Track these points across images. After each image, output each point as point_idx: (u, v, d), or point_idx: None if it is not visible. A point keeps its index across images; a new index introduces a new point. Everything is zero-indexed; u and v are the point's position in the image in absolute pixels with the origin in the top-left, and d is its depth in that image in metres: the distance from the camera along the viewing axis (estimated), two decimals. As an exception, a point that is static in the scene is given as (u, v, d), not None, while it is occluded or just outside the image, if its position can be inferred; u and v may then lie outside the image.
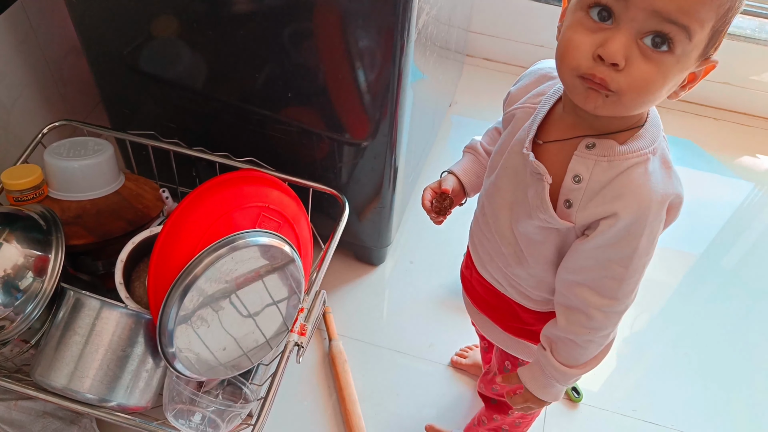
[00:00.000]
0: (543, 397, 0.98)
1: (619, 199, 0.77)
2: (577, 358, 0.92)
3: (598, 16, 0.68)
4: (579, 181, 0.79)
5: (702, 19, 0.65)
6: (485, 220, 0.97)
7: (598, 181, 0.78)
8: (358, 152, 1.46)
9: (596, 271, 0.83)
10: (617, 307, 0.85)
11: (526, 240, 0.90)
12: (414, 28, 1.19)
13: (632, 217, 0.78)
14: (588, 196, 0.79)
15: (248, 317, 1.21)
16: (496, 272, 1.01)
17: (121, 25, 1.36)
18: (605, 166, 0.78)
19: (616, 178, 0.78)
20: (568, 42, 0.71)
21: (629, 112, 0.75)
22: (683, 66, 0.69)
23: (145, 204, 1.43)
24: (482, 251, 1.01)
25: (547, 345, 0.95)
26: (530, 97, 0.89)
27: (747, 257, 2.00)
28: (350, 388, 1.55)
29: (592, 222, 0.81)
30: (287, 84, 1.34)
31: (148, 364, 1.20)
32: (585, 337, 0.89)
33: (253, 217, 1.24)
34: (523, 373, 1.00)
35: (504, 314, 1.06)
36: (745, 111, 2.42)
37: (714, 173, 2.23)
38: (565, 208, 0.82)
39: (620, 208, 0.77)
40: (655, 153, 0.78)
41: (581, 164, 0.79)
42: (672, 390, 1.65)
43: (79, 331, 1.15)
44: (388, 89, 1.29)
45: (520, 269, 0.94)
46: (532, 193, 0.84)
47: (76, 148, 1.39)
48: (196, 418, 1.21)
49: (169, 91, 1.46)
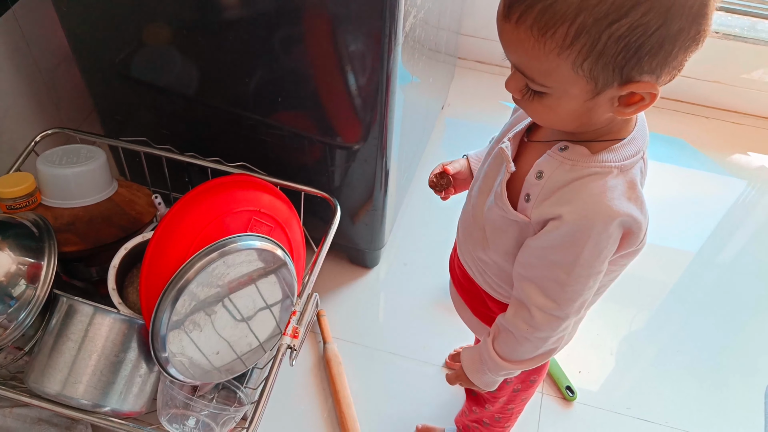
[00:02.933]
0: (473, 380, 1.02)
1: (569, 203, 0.79)
2: (511, 352, 0.94)
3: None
4: (540, 177, 0.81)
5: (529, 65, 0.73)
6: (469, 202, 1.00)
7: (556, 181, 0.80)
8: (350, 155, 1.46)
9: (541, 270, 0.85)
10: (557, 311, 0.86)
11: (491, 226, 0.92)
12: (401, 31, 1.20)
13: (576, 224, 0.78)
14: (544, 193, 0.81)
15: (241, 321, 1.22)
16: (467, 256, 1.03)
17: (112, 33, 1.37)
18: (567, 168, 0.79)
19: (573, 182, 0.79)
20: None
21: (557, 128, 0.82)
22: (573, 97, 0.74)
23: (138, 210, 1.43)
24: (461, 233, 1.04)
25: (493, 333, 0.97)
26: None
27: (740, 255, 2.00)
28: (345, 391, 1.55)
29: (544, 220, 0.82)
30: (277, 89, 1.35)
31: (142, 369, 1.21)
32: (523, 333, 0.90)
33: (244, 222, 1.24)
34: (464, 353, 1.04)
35: (475, 298, 1.09)
36: (736, 109, 2.43)
37: (706, 171, 2.24)
38: (525, 202, 0.84)
39: (566, 212, 0.78)
40: (624, 170, 0.79)
41: (548, 163, 0.81)
42: (666, 388, 1.66)
43: (72, 337, 1.16)
44: (377, 92, 1.29)
45: (484, 255, 0.96)
46: (498, 181, 0.87)
47: (68, 156, 1.39)
48: (190, 422, 1.21)
49: (160, 97, 1.47)
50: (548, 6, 0.66)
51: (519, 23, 0.69)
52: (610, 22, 0.65)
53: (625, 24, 0.65)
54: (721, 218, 2.09)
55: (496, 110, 2.34)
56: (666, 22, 0.65)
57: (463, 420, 1.42)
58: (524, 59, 0.72)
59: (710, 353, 1.74)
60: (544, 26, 0.67)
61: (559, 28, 0.67)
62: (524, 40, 0.69)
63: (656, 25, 0.65)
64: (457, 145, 2.21)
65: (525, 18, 0.68)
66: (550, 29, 0.67)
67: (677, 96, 2.44)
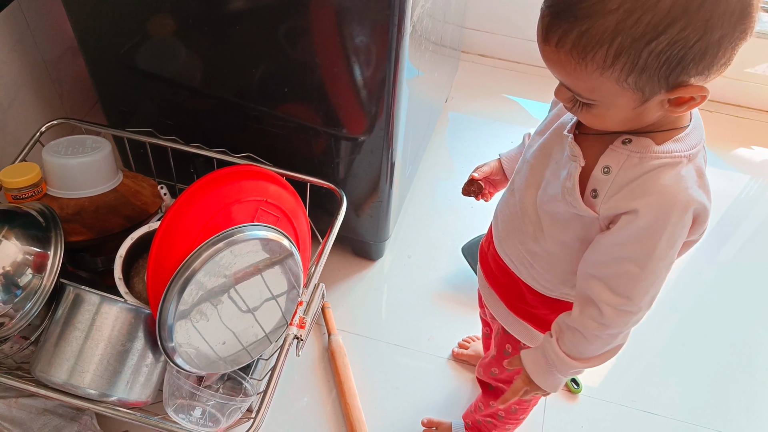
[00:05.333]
0: (541, 384, 0.98)
1: (643, 196, 0.78)
2: (581, 350, 0.92)
3: None
4: (608, 172, 0.80)
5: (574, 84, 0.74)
6: (513, 195, 0.99)
7: (625, 175, 0.79)
8: (355, 147, 1.46)
9: (611, 267, 0.84)
10: (629, 306, 0.85)
11: (550, 219, 0.91)
12: (409, 21, 1.19)
13: (653, 216, 0.78)
14: (614, 188, 0.80)
15: (247, 312, 1.22)
16: (510, 249, 1.02)
17: (117, 24, 1.37)
18: (636, 161, 0.78)
19: (645, 175, 0.78)
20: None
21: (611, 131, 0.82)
22: (621, 107, 0.74)
23: (144, 201, 1.43)
24: (503, 227, 1.03)
25: (555, 333, 0.95)
26: None
27: (744, 249, 2.00)
28: (350, 382, 1.55)
29: (614, 215, 0.81)
30: (283, 79, 1.34)
31: (148, 359, 1.21)
32: (593, 331, 0.89)
33: (251, 212, 1.24)
34: (525, 357, 1.00)
35: (511, 292, 1.07)
36: (740, 103, 2.42)
37: (710, 165, 2.21)
38: (591, 198, 0.82)
39: (642, 206, 0.78)
40: (691, 160, 0.79)
41: (613, 156, 0.80)
42: (671, 381, 1.66)
43: (79, 327, 1.16)
44: (383, 84, 1.29)
45: (536, 246, 0.95)
46: (565, 175, 0.85)
47: (74, 146, 1.39)
48: (196, 413, 1.21)
49: (166, 88, 1.47)
50: (584, 31, 0.67)
51: (558, 47, 0.70)
52: (648, 41, 0.65)
53: (663, 41, 0.65)
54: (724, 212, 2.09)
55: (500, 104, 2.34)
56: (706, 33, 0.65)
57: (475, 416, 1.41)
58: (568, 78, 0.74)
59: (715, 347, 1.74)
60: (583, 50, 0.68)
61: (597, 51, 0.68)
62: (565, 62, 0.71)
63: (696, 38, 0.65)
64: (461, 139, 2.21)
65: (563, 43, 0.69)
66: (589, 53, 0.68)
67: (681, 90, 2.43)
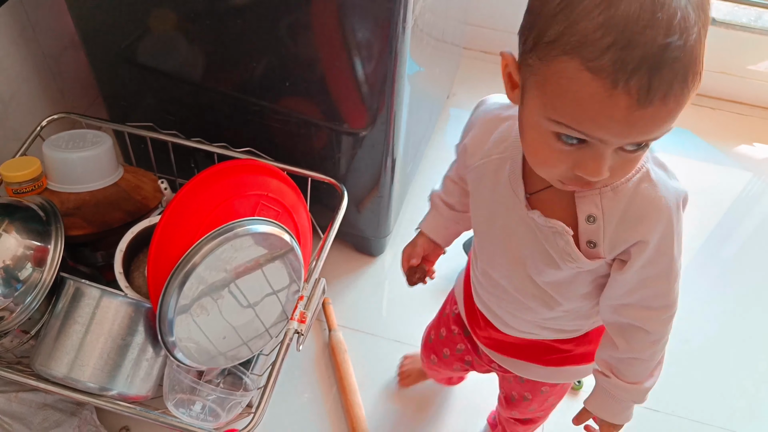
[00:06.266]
0: (622, 422, 0.96)
1: (641, 222, 0.76)
2: (644, 371, 0.91)
3: (566, 140, 0.65)
4: (594, 221, 0.78)
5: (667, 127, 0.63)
6: (494, 283, 0.96)
7: (612, 213, 0.77)
8: (357, 142, 1.46)
9: (641, 291, 0.83)
10: (669, 312, 0.86)
11: (555, 287, 0.88)
12: (410, 15, 1.19)
13: (660, 234, 0.77)
14: (609, 230, 0.78)
15: (248, 306, 1.21)
16: (523, 325, 0.99)
17: (119, 19, 1.37)
18: (611, 195, 0.76)
19: (630, 202, 0.76)
20: (544, 158, 0.69)
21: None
22: None
23: (144, 195, 1.43)
24: (502, 312, 1.00)
25: (607, 370, 0.93)
26: (492, 147, 0.87)
27: (746, 246, 2.00)
28: (350, 378, 1.55)
29: (622, 251, 0.80)
30: (285, 74, 1.34)
31: (149, 353, 1.21)
32: (648, 350, 0.88)
33: (252, 206, 1.24)
34: (594, 407, 0.97)
35: (540, 352, 1.05)
36: (742, 100, 2.42)
37: (712, 162, 2.24)
38: (590, 249, 0.80)
39: (646, 232, 0.76)
40: (648, 159, 0.77)
41: (587, 203, 0.77)
42: (673, 377, 1.65)
43: (79, 320, 1.16)
44: (385, 79, 1.29)
45: (553, 313, 0.93)
46: (554, 247, 0.82)
47: (74, 141, 1.39)
48: (196, 407, 1.21)
49: (167, 83, 1.46)
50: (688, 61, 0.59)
51: (666, 99, 0.59)
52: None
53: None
54: (726, 209, 2.09)
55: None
56: None
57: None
58: (663, 127, 0.62)
59: (717, 343, 1.74)
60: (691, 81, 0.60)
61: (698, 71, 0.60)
62: (673, 109, 0.60)
63: None
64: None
65: (672, 90, 0.59)
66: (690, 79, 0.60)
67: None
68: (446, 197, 1.07)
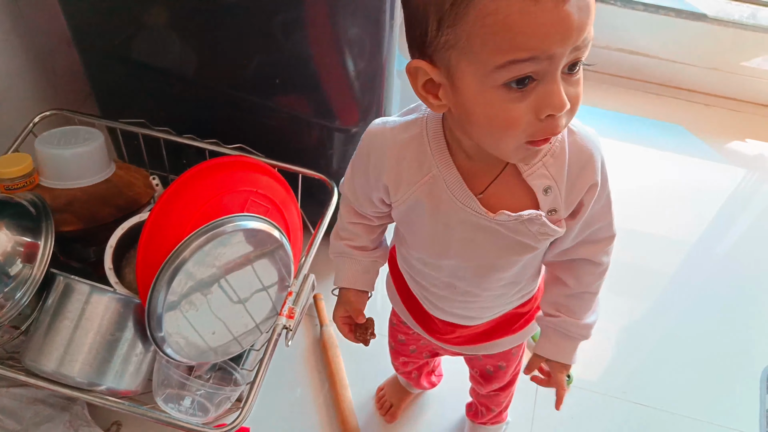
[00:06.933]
0: (571, 361, 1.00)
1: (586, 169, 0.79)
2: (591, 306, 0.96)
3: (518, 84, 0.64)
4: (550, 190, 0.79)
5: (589, 26, 0.64)
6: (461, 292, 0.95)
7: (560, 176, 0.78)
8: (348, 139, 1.46)
9: (589, 228, 0.86)
10: (613, 241, 0.90)
11: (523, 266, 0.90)
12: (398, 10, 1.19)
13: (600, 171, 0.80)
14: (564, 192, 0.79)
15: (238, 302, 1.22)
16: (494, 309, 1.02)
17: (110, 15, 1.37)
18: (552, 161, 0.77)
19: (569, 160, 0.78)
20: (506, 121, 0.67)
21: None
22: None
23: (136, 191, 1.44)
24: (473, 312, 1.01)
25: (556, 312, 0.96)
26: (414, 173, 0.83)
27: (738, 243, 2.00)
28: (341, 374, 1.56)
29: (577, 202, 0.82)
30: (276, 71, 1.34)
31: (138, 348, 1.21)
32: (596, 283, 0.93)
33: (241, 202, 1.24)
34: (545, 350, 1.00)
35: (508, 324, 1.07)
36: (735, 97, 2.42)
37: (704, 158, 2.24)
38: (553, 216, 0.81)
39: (592, 175, 0.79)
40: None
41: (538, 177, 0.78)
42: (663, 373, 1.66)
43: (68, 316, 1.16)
44: (374, 75, 1.29)
45: (519, 285, 0.96)
46: (526, 234, 0.82)
47: (66, 137, 1.40)
48: (186, 402, 1.21)
49: (159, 79, 1.47)
50: None
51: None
52: None
53: None
54: (718, 206, 2.09)
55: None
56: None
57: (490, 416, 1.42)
58: (588, 22, 0.63)
59: (707, 340, 1.74)
60: None
61: None
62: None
63: None
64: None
65: None
66: None
67: (676, 83, 2.44)
68: (355, 243, 1.02)
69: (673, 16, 2.27)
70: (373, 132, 0.86)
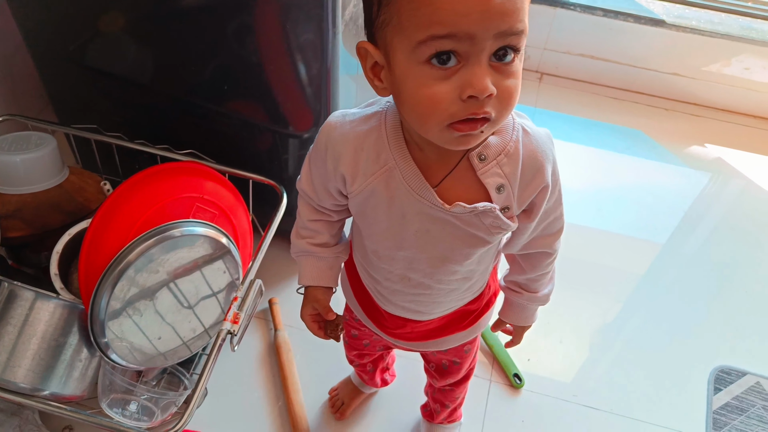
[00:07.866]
0: (531, 323, 1.13)
1: (539, 171, 0.82)
2: (547, 282, 1.06)
3: (440, 62, 0.67)
4: (503, 189, 0.82)
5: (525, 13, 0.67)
6: (415, 284, 0.96)
7: (514, 176, 0.81)
8: (301, 144, 1.47)
9: (543, 223, 0.91)
10: (563, 231, 0.96)
11: (476, 260, 0.92)
12: (340, 17, 1.20)
13: (551, 172, 0.84)
14: (516, 191, 0.83)
15: (188, 307, 1.23)
16: (446, 305, 1.03)
17: (63, 22, 1.37)
18: (506, 161, 0.80)
19: (523, 161, 0.81)
20: (429, 98, 0.69)
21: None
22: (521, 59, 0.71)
23: (86, 197, 1.44)
24: (426, 308, 1.02)
25: (518, 288, 1.07)
26: (370, 165, 0.84)
27: (698, 247, 2.02)
28: (294, 377, 1.56)
29: (528, 201, 0.85)
30: (225, 77, 1.35)
31: (83, 353, 1.22)
32: (550, 267, 1.02)
33: (187, 208, 1.25)
34: (508, 317, 1.12)
35: (458, 320, 1.08)
36: (695, 101, 2.46)
37: (663, 162, 2.27)
38: (505, 213, 0.84)
39: (544, 178, 0.83)
40: (513, 118, 0.82)
41: (492, 176, 0.81)
42: (613, 376, 1.67)
43: (11, 322, 1.16)
44: (321, 81, 1.30)
45: (472, 280, 0.98)
46: (480, 227, 0.84)
47: (18, 143, 1.40)
48: (131, 407, 1.22)
49: (113, 85, 1.47)
50: None
51: None
52: None
53: None
54: (686, 211, 2.11)
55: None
56: None
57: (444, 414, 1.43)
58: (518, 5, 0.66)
59: (659, 343, 1.76)
60: None
61: None
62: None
63: None
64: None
65: None
66: None
67: (636, 88, 2.47)
68: (316, 240, 1.03)
69: (632, 21, 2.30)
70: (332, 124, 0.87)
